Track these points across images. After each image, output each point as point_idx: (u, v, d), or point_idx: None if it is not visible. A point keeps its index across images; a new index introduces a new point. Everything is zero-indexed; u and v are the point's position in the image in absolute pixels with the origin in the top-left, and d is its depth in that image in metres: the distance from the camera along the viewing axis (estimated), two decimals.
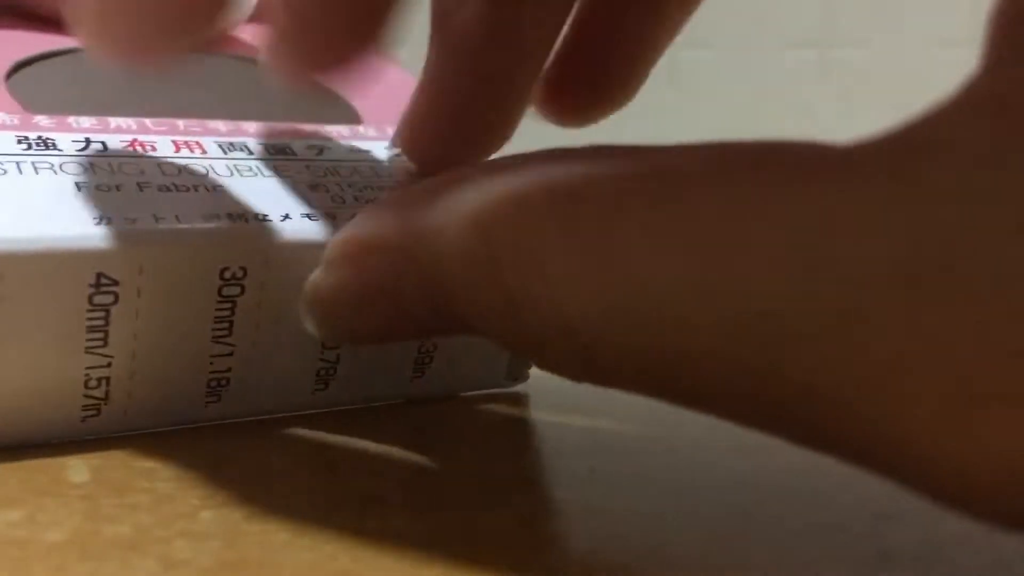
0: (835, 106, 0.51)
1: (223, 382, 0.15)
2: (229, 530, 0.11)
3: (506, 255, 0.10)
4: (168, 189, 0.14)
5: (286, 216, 0.14)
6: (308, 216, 0.15)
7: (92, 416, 0.14)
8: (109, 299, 0.13)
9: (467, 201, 0.11)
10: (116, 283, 0.13)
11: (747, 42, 0.43)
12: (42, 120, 0.15)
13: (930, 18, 0.52)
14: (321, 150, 0.17)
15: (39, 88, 0.17)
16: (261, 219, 0.14)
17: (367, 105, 0.19)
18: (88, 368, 0.13)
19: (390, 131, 0.18)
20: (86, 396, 0.14)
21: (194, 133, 0.16)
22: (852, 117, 0.54)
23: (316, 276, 0.13)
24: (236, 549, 0.10)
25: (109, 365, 0.13)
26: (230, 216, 0.14)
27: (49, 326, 0.13)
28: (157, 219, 0.13)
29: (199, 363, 0.14)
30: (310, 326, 0.13)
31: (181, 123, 0.16)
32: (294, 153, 0.16)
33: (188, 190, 0.14)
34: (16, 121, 0.15)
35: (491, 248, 0.10)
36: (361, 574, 0.10)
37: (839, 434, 0.08)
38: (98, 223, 0.13)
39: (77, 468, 0.13)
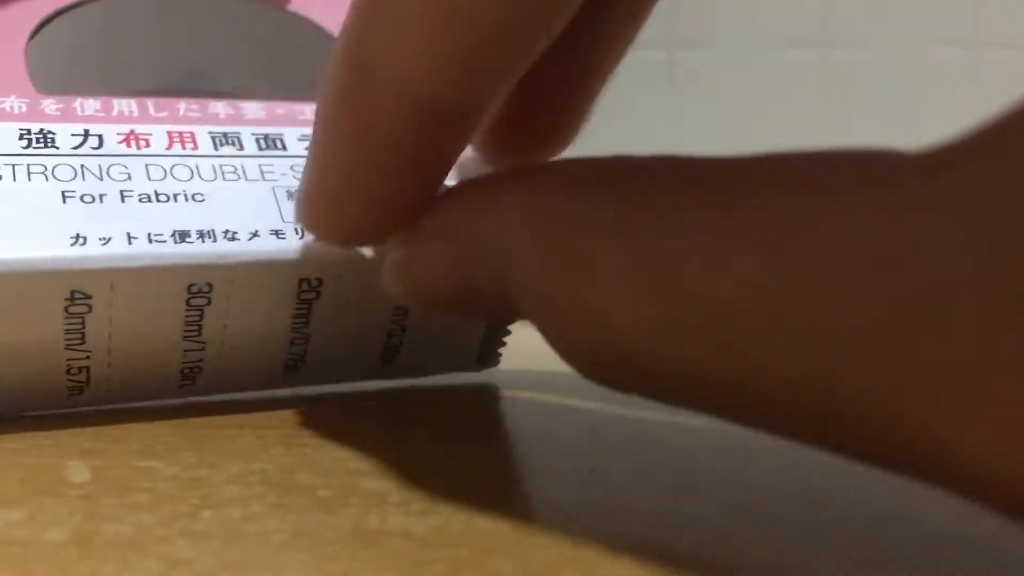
0: (835, 106, 0.51)
1: (196, 370, 0.16)
2: (230, 530, 0.11)
3: (556, 261, 0.10)
4: (148, 200, 0.15)
5: (254, 234, 0.15)
6: (276, 233, 0.15)
7: (76, 395, 0.15)
8: (84, 309, 0.14)
9: (522, 204, 0.11)
10: (89, 297, 0.14)
11: (747, 41, 0.43)
12: (49, 106, 0.16)
13: (930, 18, 0.52)
14: None
15: (56, 48, 0.18)
16: (230, 238, 0.15)
17: None
18: (69, 360, 0.15)
19: None
20: (69, 380, 0.15)
21: (191, 120, 0.16)
22: (852, 117, 0.54)
23: (401, 252, 0.13)
24: (237, 549, 0.10)
25: (88, 358, 0.15)
26: (200, 234, 0.15)
27: (31, 328, 0.14)
28: (130, 239, 0.14)
29: (172, 357, 0.15)
30: (398, 292, 0.13)
31: (182, 106, 0.17)
32: (284, 147, 0.17)
33: (167, 200, 0.15)
34: (24, 108, 0.16)
35: (542, 254, 0.10)
36: (361, 574, 0.10)
37: (905, 449, 0.08)
38: (73, 243, 0.14)
39: (78, 468, 0.13)
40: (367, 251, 0.15)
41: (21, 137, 0.15)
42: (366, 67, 0.11)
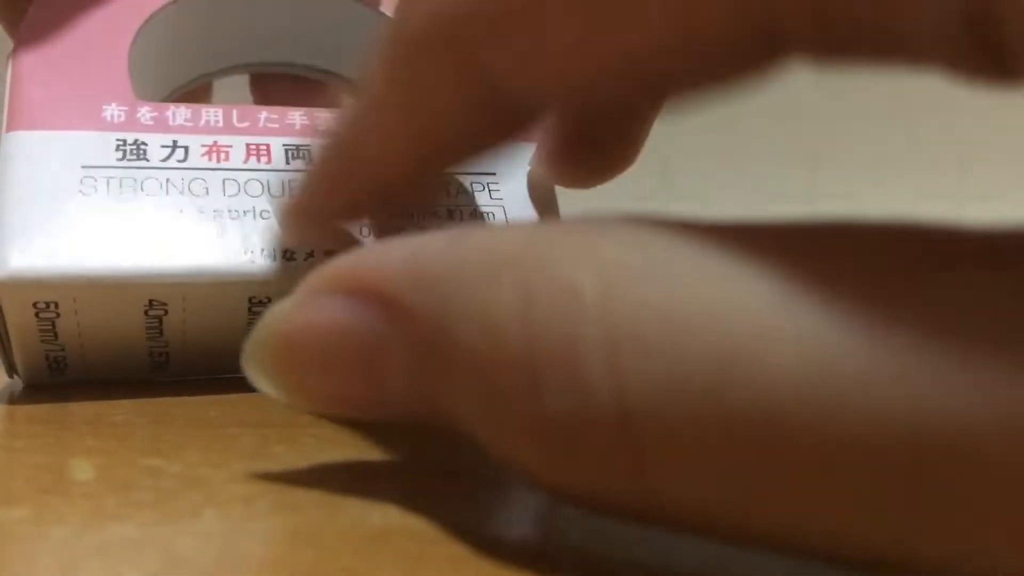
0: (834, 106, 0.52)
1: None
2: (232, 528, 0.11)
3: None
4: (220, 216, 0.17)
5: (309, 254, 0.17)
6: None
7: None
8: (160, 312, 0.16)
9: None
10: (165, 304, 0.16)
11: None
12: (144, 115, 0.18)
13: None
14: None
15: (157, 48, 0.20)
16: (288, 257, 0.17)
17: None
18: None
19: None
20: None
21: (269, 132, 0.18)
22: (850, 118, 0.54)
23: (278, 313, 0.10)
24: (239, 547, 0.10)
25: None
26: (264, 252, 0.17)
27: (116, 327, 0.17)
28: (200, 255, 0.16)
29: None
30: (260, 381, 0.11)
31: (263, 116, 0.18)
32: None
33: (237, 217, 0.17)
34: (122, 118, 0.17)
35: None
36: (364, 572, 0.10)
37: None
38: (151, 256, 0.16)
39: (81, 466, 0.13)
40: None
41: (118, 148, 0.17)
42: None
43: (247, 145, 0.18)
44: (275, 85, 0.24)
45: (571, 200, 0.19)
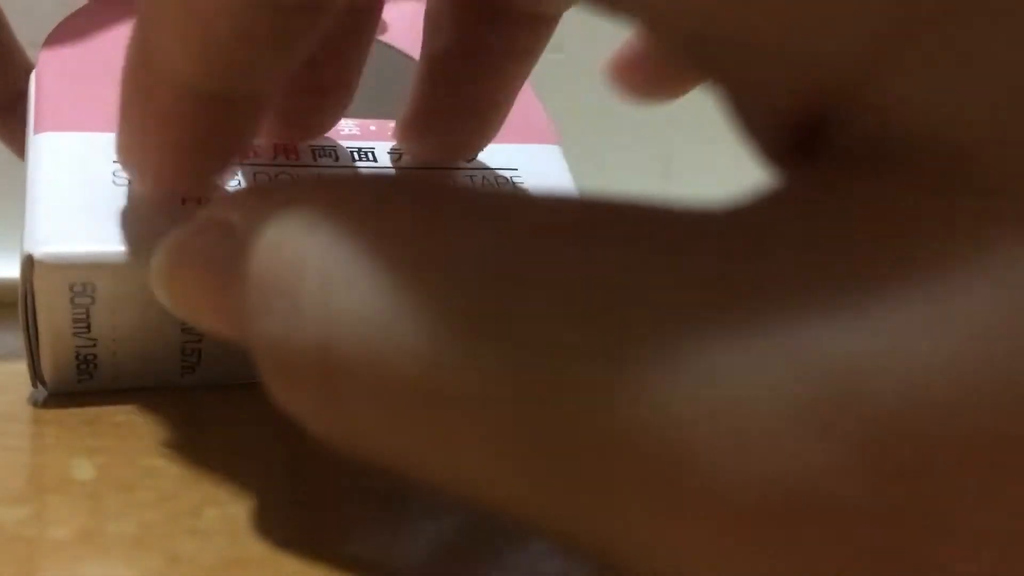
0: None
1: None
2: (233, 527, 0.11)
3: None
4: None
5: None
6: None
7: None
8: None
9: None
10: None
11: None
12: None
13: None
14: (368, 153, 0.19)
15: None
16: None
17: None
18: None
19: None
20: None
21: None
22: None
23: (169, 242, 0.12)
24: (240, 546, 0.10)
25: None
26: None
27: (152, 317, 0.16)
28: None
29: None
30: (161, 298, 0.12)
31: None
32: (375, 159, 0.19)
33: None
34: None
35: None
36: (367, 571, 0.10)
37: None
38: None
39: (82, 466, 0.13)
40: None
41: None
42: (147, 63, 0.13)
43: (275, 145, 0.18)
44: None
45: None
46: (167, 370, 0.17)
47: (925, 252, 0.07)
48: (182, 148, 0.14)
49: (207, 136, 0.13)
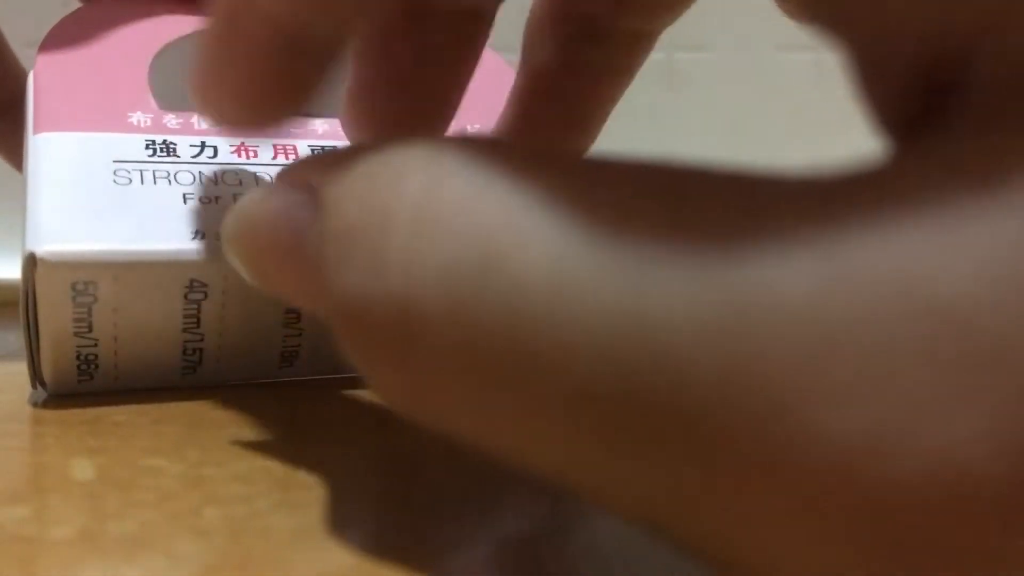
0: (831, 108, 0.52)
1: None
2: (233, 527, 0.11)
3: None
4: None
5: None
6: None
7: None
8: (200, 296, 0.16)
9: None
10: (206, 285, 0.16)
11: (743, 44, 0.43)
12: (170, 120, 0.18)
13: None
14: None
15: (177, 71, 0.20)
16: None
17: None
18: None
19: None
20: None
21: (294, 135, 0.19)
22: (847, 120, 0.54)
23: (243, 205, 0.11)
24: (241, 546, 0.10)
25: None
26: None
27: (155, 313, 0.16)
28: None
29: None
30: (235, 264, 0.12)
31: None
32: None
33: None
34: (149, 123, 0.18)
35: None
36: (366, 571, 0.10)
37: None
38: (193, 238, 0.16)
39: (82, 466, 0.13)
40: None
41: (147, 147, 0.17)
42: None
43: (274, 145, 0.18)
44: None
45: None
46: (168, 370, 0.17)
47: None
48: (261, 83, 0.13)
49: (286, 74, 0.13)
